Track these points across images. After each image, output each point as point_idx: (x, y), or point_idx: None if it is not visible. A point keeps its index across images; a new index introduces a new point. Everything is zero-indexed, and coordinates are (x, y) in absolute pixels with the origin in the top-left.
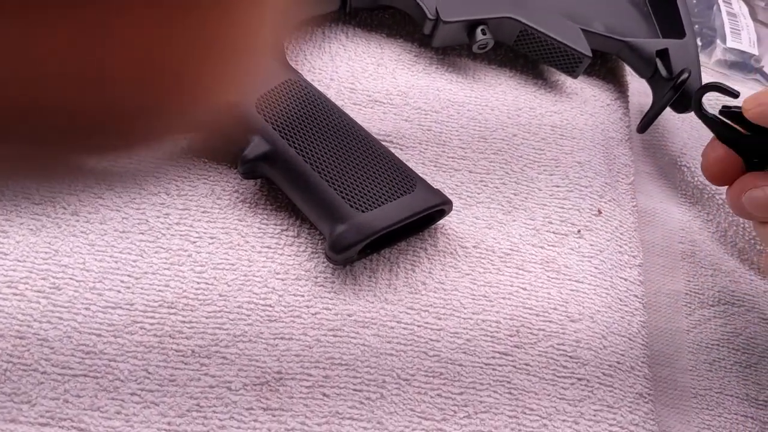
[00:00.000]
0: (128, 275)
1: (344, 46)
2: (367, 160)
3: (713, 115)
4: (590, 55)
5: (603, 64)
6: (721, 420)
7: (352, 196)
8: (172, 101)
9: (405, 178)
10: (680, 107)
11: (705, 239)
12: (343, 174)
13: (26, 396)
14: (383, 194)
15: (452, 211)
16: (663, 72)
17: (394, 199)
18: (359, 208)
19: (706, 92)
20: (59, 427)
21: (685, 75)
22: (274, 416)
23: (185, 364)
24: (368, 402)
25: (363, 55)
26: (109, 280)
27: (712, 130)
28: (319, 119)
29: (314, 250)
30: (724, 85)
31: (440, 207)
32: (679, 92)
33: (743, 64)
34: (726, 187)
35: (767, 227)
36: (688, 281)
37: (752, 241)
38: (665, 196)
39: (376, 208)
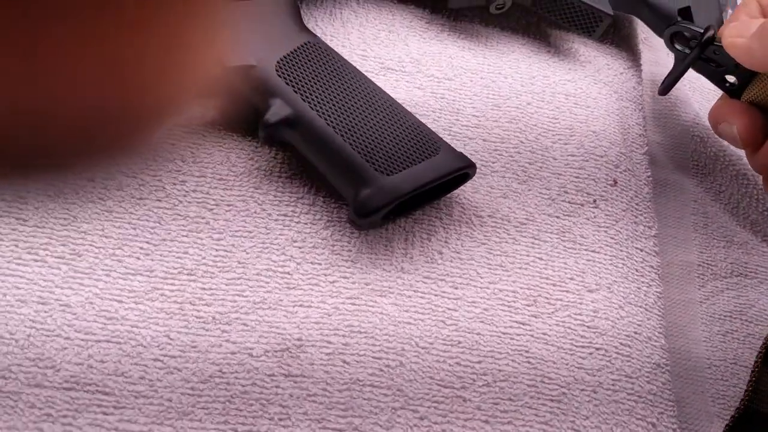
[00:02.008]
0: (147, 242)
1: (355, 13)
2: (390, 122)
3: (682, 48)
4: (611, 13)
5: (616, 33)
6: (736, 390)
7: (377, 160)
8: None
9: (429, 141)
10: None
11: (718, 211)
12: (366, 137)
13: (50, 361)
14: (408, 157)
15: (466, 181)
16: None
17: (419, 162)
18: (384, 171)
19: (675, 30)
20: (84, 391)
21: (711, 32)
22: (295, 383)
23: (206, 330)
24: (388, 369)
25: (374, 21)
26: (128, 247)
27: (688, 66)
28: (341, 81)
29: (330, 219)
30: (691, 24)
31: (465, 170)
32: (704, 51)
33: None
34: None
35: (755, 155)
36: (701, 252)
37: (765, 213)
38: (677, 167)
39: (401, 171)
